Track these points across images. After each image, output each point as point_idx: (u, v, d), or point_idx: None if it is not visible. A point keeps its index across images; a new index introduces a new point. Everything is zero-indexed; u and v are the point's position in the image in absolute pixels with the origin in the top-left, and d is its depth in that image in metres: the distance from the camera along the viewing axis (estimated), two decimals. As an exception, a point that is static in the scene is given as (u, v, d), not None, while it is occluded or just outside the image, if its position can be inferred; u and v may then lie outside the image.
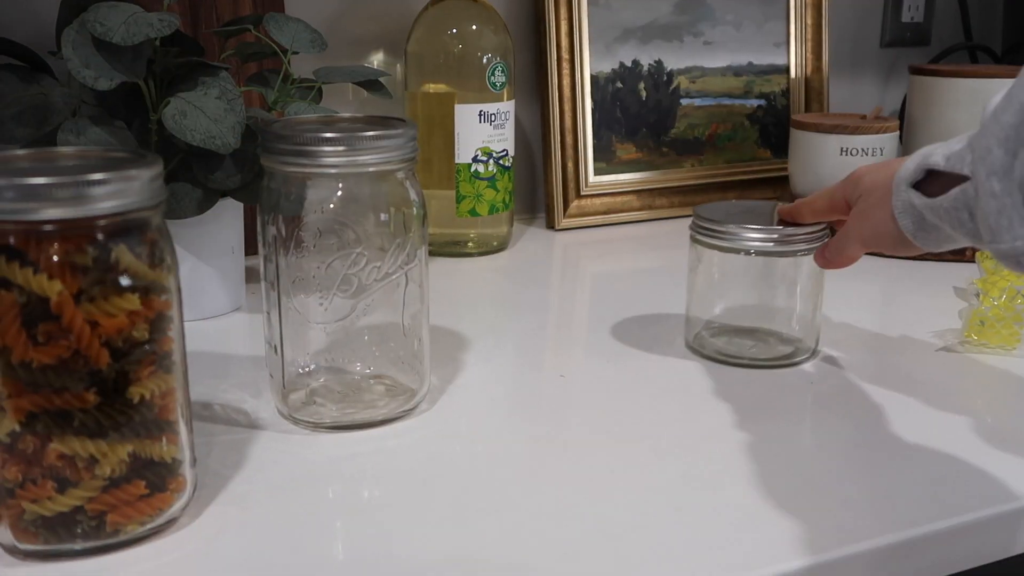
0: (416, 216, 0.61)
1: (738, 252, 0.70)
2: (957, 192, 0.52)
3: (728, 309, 0.75)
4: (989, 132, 0.48)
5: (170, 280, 0.48)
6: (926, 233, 0.57)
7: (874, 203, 0.61)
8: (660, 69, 1.18)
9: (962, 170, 0.52)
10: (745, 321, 0.75)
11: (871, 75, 1.41)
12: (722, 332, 0.75)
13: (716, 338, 0.74)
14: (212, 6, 0.92)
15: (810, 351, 0.73)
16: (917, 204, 0.56)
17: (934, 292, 0.89)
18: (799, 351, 0.73)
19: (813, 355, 0.73)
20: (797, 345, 0.73)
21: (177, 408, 0.49)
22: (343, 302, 0.60)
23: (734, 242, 0.70)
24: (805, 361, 0.73)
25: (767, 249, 0.70)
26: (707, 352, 0.73)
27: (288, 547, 0.48)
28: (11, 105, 0.71)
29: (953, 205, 0.53)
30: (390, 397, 0.64)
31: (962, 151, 0.52)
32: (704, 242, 0.72)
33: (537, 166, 1.18)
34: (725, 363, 0.72)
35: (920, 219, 0.57)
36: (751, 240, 0.70)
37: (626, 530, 0.50)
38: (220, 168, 0.74)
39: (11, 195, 0.42)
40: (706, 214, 0.72)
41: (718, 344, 0.74)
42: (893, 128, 1.07)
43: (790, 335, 0.74)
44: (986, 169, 0.48)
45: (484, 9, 0.99)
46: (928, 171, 0.56)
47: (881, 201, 0.60)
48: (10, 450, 0.45)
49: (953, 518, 0.51)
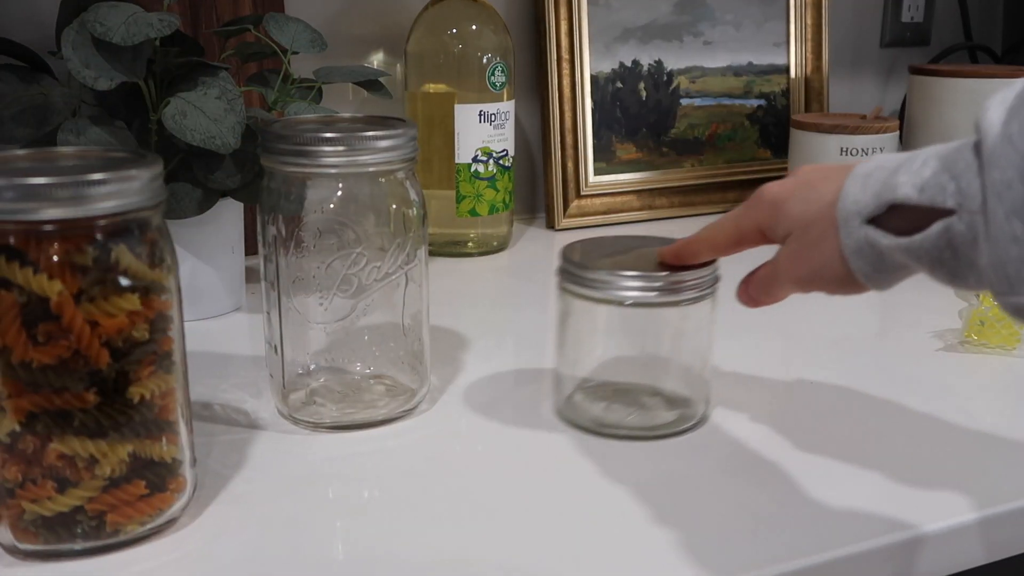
0: (416, 216, 0.61)
1: (611, 303, 0.58)
2: (939, 229, 0.43)
3: (603, 365, 0.64)
4: (1005, 161, 0.40)
5: (170, 280, 0.48)
6: (885, 275, 0.48)
7: (812, 240, 0.50)
8: (660, 69, 1.18)
9: (944, 203, 0.43)
10: (627, 378, 0.64)
11: (871, 75, 1.41)
12: (598, 395, 0.63)
13: (591, 403, 0.63)
14: (212, 6, 0.92)
15: (698, 416, 0.62)
16: (883, 245, 0.46)
17: (934, 292, 0.89)
18: (685, 417, 0.61)
19: (702, 421, 0.62)
20: (683, 410, 0.62)
21: (177, 408, 0.49)
22: (343, 302, 0.60)
23: (607, 291, 0.58)
24: (693, 428, 0.61)
25: (648, 300, 0.58)
26: (580, 421, 0.62)
27: (288, 547, 0.48)
28: (11, 105, 0.71)
29: (935, 244, 0.44)
30: (390, 397, 0.64)
31: (938, 178, 0.43)
32: (572, 291, 0.60)
33: (537, 166, 1.18)
34: (600, 434, 0.60)
35: (879, 260, 0.47)
36: (628, 289, 0.57)
37: (626, 529, 0.50)
38: (220, 168, 0.74)
39: (11, 195, 0.42)
40: (575, 257, 0.60)
41: (594, 411, 0.62)
42: (893, 128, 1.07)
43: (676, 395, 0.62)
44: (1005, 208, 0.40)
45: (484, 9, 0.99)
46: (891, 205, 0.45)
47: (822, 238, 0.49)
48: (10, 450, 0.45)
49: (953, 518, 0.51)
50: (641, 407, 0.62)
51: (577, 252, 0.61)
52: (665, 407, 0.62)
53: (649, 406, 0.63)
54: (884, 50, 1.41)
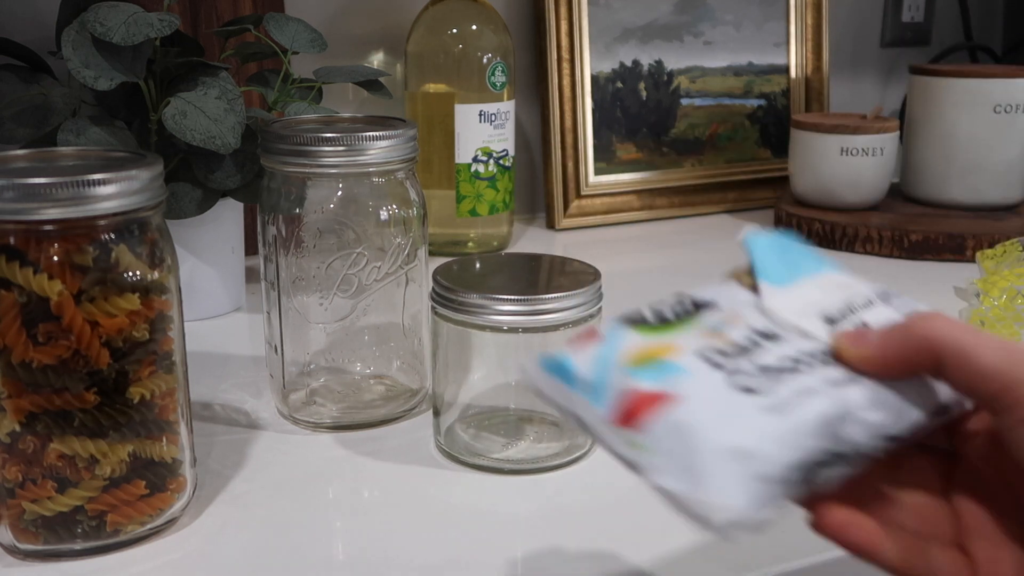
0: (416, 216, 0.61)
1: (484, 329, 0.54)
2: None
3: (486, 392, 0.59)
4: None
5: (170, 280, 0.48)
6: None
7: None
8: (660, 69, 1.18)
9: None
10: (512, 403, 0.59)
11: (871, 75, 1.40)
12: (479, 423, 0.59)
13: (469, 432, 0.58)
14: (212, 6, 0.92)
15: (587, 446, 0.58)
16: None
17: (934, 292, 0.89)
18: (574, 445, 0.57)
19: (590, 450, 0.58)
20: (571, 439, 0.57)
21: (177, 408, 0.49)
22: (343, 302, 0.60)
23: (481, 316, 0.53)
24: (582, 458, 0.57)
25: (527, 324, 0.53)
26: (462, 456, 0.57)
27: (288, 547, 0.48)
28: (11, 105, 0.71)
29: None
30: (390, 397, 0.64)
31: None
32: (443, 315, 0.55)
33: (537, 166, 1.18)
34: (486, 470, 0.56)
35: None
36: (502, 314, 0.53)
37: (629, 529, 0.50)
38: (220, 168, 0.74)
39: (11, 195, 0.42)
40: (447, 279, 0.55)
41: (478, 446, 0.57)
42: (893, 128, 1.07)
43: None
44: None
45: (484, 9, 0.99)
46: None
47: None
48: (10, 450, 0.45)
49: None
50: (526, 439, 0.58)
51: (452, 271, 0.57)
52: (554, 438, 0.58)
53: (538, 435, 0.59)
54: (884, 50, 1.41)
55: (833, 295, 0.37)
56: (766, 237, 0.39)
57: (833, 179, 1.07)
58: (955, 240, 0.99)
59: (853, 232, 1.02)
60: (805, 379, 0.33)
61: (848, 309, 0.36)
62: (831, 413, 0.32)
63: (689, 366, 0.33)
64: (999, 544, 0.33)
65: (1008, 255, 0.78)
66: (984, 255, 0.78)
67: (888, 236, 1.00)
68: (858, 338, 0.33)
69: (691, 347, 0.34)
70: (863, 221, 1.03)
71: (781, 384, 0.32)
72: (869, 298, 0.37)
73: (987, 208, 1.09)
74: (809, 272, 0.38)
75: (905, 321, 0.33)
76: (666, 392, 0.32)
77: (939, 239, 0.99)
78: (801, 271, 0.38)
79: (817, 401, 0.32)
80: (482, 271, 0.58)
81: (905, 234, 1.00)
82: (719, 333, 0.34)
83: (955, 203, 1.10)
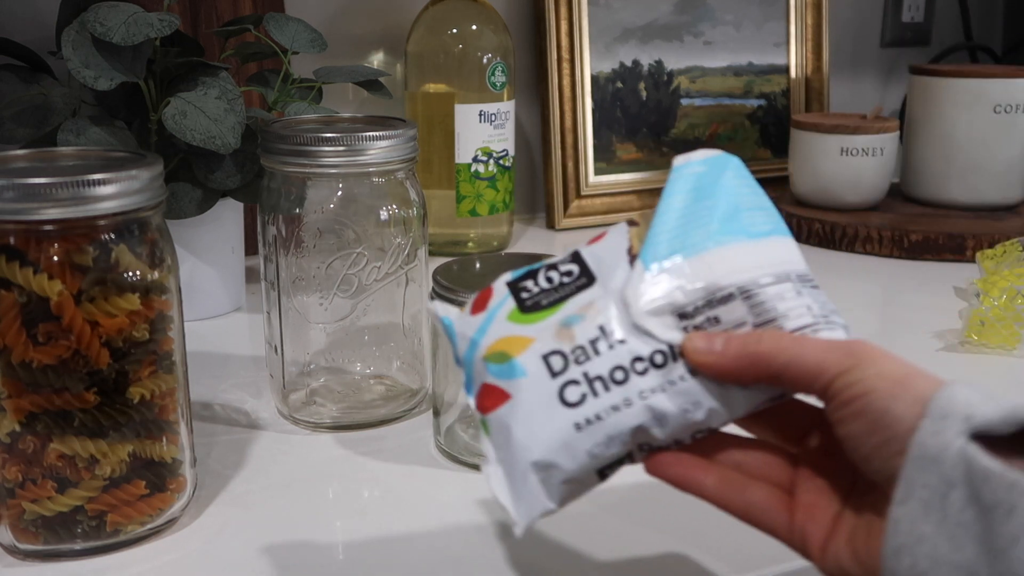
0: (416, 216, 0.61)
1: None
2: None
3: None
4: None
5: (170, 280, 0.48)
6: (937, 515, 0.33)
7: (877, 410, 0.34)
8: (660, 69, 1.18)
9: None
10: None
11: (871, 75, 1.40)
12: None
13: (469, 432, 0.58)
14: (212, 6, 0.92)
15: None
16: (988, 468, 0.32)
17: (934, 292, 0.89)
18: None
19: None
20: None
21: (177, 408, 0.49)
22: (343, 302, 0.60)
23: None
24: None
25: None
26: (462, 456, 0.57)
27: (288, 547, 0.48)
28: (11, 105, 0.71)
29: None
30: (390, 397, 0.64)
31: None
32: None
33: (537, 166, 1.18)
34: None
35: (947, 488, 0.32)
36: None
37: (629, 529, 0.50)
38: (220, 168, 0.74)
39: (11, 195, 0.42)
40: (447, 279, 0.55)
41: (478, 446, 0.56)
42: (893, 128, 1.07)
43: None
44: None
45: (484, 9, 0.99)
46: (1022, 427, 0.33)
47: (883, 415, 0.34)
48: (10, 450, 0.45)
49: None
50: None
51: (452, 271, 0.57)
52: None
53: None
54: (884, 50, 1.41)
55: (702, 279, 0.38)
56: (696, 173, 0.40)
57: (833, 179, 1.07)
58: (955, 240, 0.99)
59: (853, 232, 1.02)
60: (625, 391, 0.37)
61: (706, 304, 0.38)
62: (634, 426, 0.37)
63: (531, 369, 0.38)
64: (821, 493, 0.38)
65: (1008, 255, 0.78)
66: (984, 255, 0.78)
67: (888, 236, 1.00)
68: (705, 347, 0.37)
69: (541, 348, 0.38)
70: (863, 221, 1.03)
71: (600, 398, 0.37)
72: (752, 283, 0.37)
73: (987, 208, 1.09)
74: (703, 245, 0.38)
75: (744, 337, 0.37)
76: (504, 391, 0.38)
77: (939, 239, 0.99)
78: (697, 241, 0.38)
79: (626, 414, 0.37)
80: (482, 271, 0.58)
81: (905, 234, 1.00)
82: (570, 331, 0.38)
83: (955, 203, 1.10)
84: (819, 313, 0.38)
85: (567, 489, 0.38)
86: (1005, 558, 0.31)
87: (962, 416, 0.33)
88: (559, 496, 0.38)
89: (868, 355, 0.35)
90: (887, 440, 0.34)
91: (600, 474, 0.38)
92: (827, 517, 0.37)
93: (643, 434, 0.37)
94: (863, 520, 0.36)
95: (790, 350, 0.36)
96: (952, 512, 0.32)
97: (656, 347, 0.38)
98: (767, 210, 0.40)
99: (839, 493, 0.38)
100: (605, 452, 0.37)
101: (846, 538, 0.36)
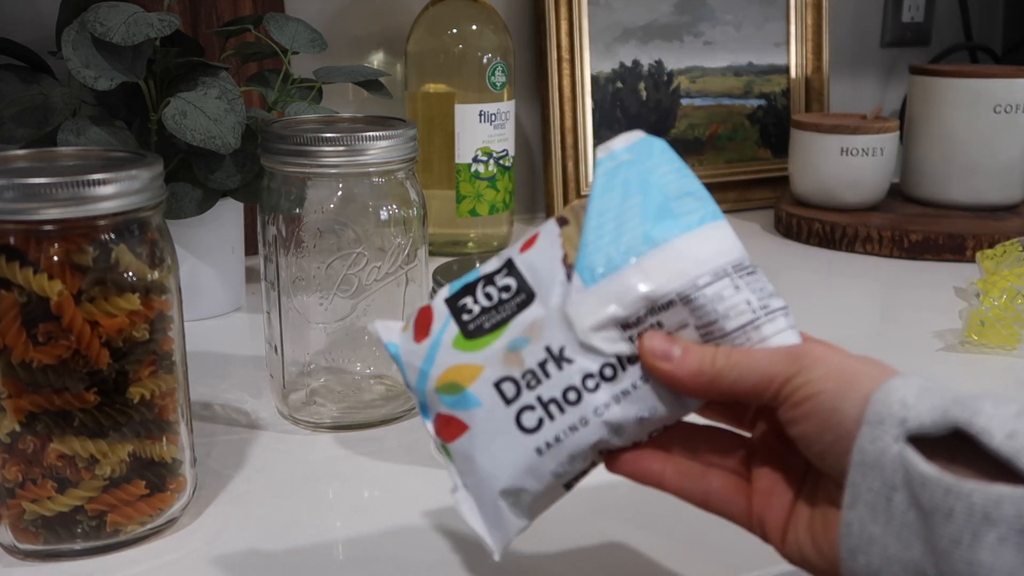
0: (416, 216, 0.61)
1: None
2: (1017, 496, 0.30)
3: None
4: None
5: (170, 280, 0.48)
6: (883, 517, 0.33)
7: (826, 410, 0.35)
8: (660, 69, 1.18)
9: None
10: None
11: (871, 75, 1.40)
12: None
13: None
14: (212, 6, 0.92)
15: None
16: (923, 474, 0.32)
17: (934, 292, 0.89)
18: None
19: None
20: None
21: (177, 408, 0.49)
22: (343, 302, 0.60)
23: None
24: None
25: None
26: None
27: (288, 547, 0.48)
28: (11, 105, 0.71)
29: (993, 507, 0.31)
30: (390, 397, 0.64)
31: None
32: None
33: (537, 166, 1.18)
34: None
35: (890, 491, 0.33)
36: None
37: (628, 529, 0.50)
38: (220, 168, 0.74)
39: (11, 195, 0.42)
40: (447, 279, 0.54)
41: None
42: (893, 128, 1.07)
43: None
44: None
45: (484, 9, 0.99)
46: (954, 430, 0.33)
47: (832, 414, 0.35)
48: (10, 450, 0.45)
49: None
50: None
51: (452, 271, 0.57)
52: None
53: None
54: (884, 50, 1.41)
55: (641, 289, 0.37)
56: (621, 164, 0.39)
57: (833, 179, 1.07)
58: (955, 240, 0.99)
59: (853, 232, 1.02)
60: (580, 410, 0.38)
61: (648, 312, 0.37)
62: (594, 442, 0.38)
63: (484, 399, 0.39)
64: (776, 479, 0.38)
65: (1008, 255, 0.78)
66: (984, 255, 0.78)
67: (888, 236, 1.00)
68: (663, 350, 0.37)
69: (491, 375, 0.39)
70: (863, 221, 1.03)
71: (557, 421, 0.38)
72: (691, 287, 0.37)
73: (987, 208, 1.09)
74: (638, 250, 0.37)
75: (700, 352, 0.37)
76: (462, 421, 0.39)
77: (939, 239, 0.99)
78: (632, 245, 0.37)
79: (584, 433, 0.38)
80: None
81: (905, 234, 1.00)
82: (518, 355, 0.38)
83: (955, 203, 1.10)
84: (758, 306, 0.37)
85: (537, 504, 0.39)
86: (949, 559, 0.32)
87: (897, 420, 0.33)
88: (529, 513, 0.39)
89: (812, 357, 0.36)
90: (839, 438, 0.34)
91: (567, 486, 0.39)
92: (783, 504, 0.38)
93: (603, 444, 0.38)
94: (819, 510, 0.37)
95: (740, 366, 0.36)
96: (897, 514, 0.33)
97: (605, 361, 0.38)
98: (696, 194, 0.40)
99: (794, 478, 0.38)
100: (569, 469, 0.38)
101: (805, 526, 0.37)
